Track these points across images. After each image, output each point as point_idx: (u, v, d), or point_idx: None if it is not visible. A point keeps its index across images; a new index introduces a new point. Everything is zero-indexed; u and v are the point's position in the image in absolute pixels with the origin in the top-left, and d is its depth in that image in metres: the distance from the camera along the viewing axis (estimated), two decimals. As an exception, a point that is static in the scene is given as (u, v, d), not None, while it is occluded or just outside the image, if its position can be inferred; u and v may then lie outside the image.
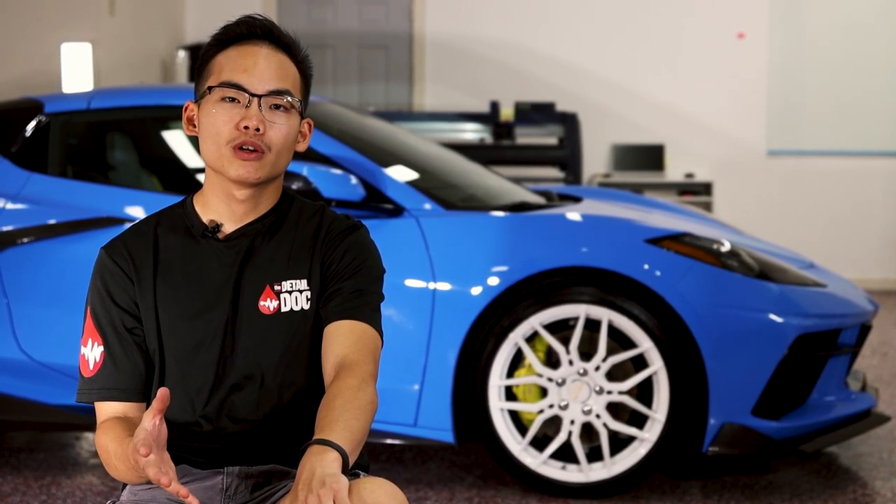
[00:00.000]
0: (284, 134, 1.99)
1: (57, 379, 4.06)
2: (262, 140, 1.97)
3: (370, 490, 1.76)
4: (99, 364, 2.01)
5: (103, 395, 2.01)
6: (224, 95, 1.98)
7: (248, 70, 1.98)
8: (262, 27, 2.02)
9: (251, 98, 1.97)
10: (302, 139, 2.07)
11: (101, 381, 2.01)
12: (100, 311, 2.03)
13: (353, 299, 1.99)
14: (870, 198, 9.06)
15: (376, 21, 9.24)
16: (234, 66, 1.99)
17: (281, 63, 2.01)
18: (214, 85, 1.98)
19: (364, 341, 1.96)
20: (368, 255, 2.06)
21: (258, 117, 1.96)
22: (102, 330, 2.02)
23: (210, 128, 1.99)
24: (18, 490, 4.03)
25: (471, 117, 8.34)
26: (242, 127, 1.96)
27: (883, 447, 4.53)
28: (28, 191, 4.20)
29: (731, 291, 3.90)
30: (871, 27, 9.01)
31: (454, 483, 4.12)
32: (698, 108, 9.06)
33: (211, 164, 2.01)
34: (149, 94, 4.80)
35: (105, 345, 2.01)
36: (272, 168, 1.99)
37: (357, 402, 1.85)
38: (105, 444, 1.95)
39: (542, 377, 3.91)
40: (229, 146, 1.97)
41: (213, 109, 1.98)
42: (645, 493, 3.99)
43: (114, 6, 7.63)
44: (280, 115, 1.99)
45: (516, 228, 4.02)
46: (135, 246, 2.04)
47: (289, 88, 2.00)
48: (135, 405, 2.02)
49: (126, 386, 2.01)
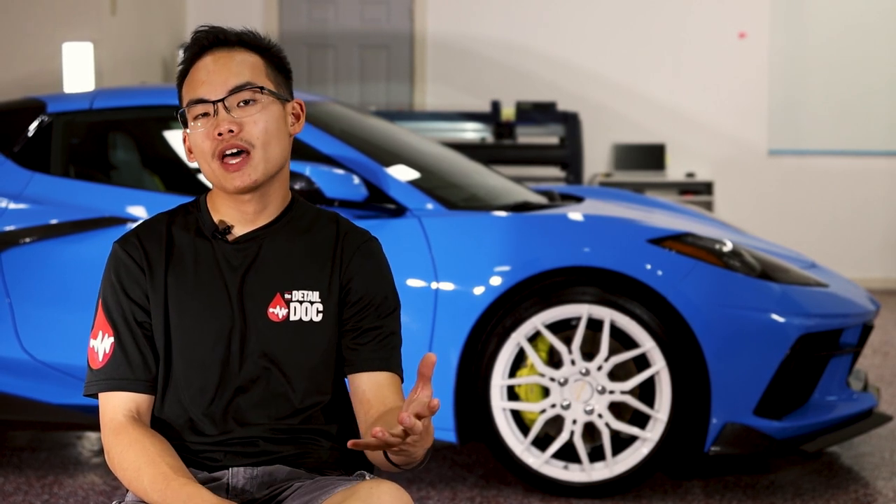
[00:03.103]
0: (263, 126, 1.99)
1: (59, 378, 4.06)
2: (242, 139, 1.97)
3: (376, 493, 1.76)
4: (109, 355, 2.00)
5: (112, 385, 1.99)
6: (195, 115, 2.00)
7: (205, 81, 1.99)
8: (208, 36, 2.02)
9: (215, 105, 1.98)
10: (295, 120, 2.07)
11: (109, 372, 2.00)
12: (111, 303, 2.03)
13: (385, 347, 2.08)
14: (871, 197, 9.06)
15: (377, 21, 9.24)
16: (194, 83, 2.01)
17: (237, 60, 2.01)
18: (183, 108, 2.01)
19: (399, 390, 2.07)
20: (388, 282, 2.11)
21: (227, 120, 1.97)
22: (113, 321, 2.02)
23: (196, 148, 2.01)
24: (21, 489, 4.03)
25: (472, 117, 8.34)
26: (217, 135, 1.97)
27: (884, 447, 4.53)
28: (30, 190, 4.20)
29: (734, 291, 3.90)
30: (872, 27, 9.01)
31: (456, 483, 4.12)
32: (699, 108, 9.06)
33: (211, 182, 2.03)
34: (151, 93, 4.80)
35: (116, 336, 2.01)
36: (265, 163, 1.99)
37: None
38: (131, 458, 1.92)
39: (544, 377, 3.91)
40: (216, 160, 1.98)
41: (193, 132, 2.00)
42: (647, 493, 3.99)
43: (115, 6, 7.63)
44: (251, 109, 1.99)
45: (518, 228, 4.02)
46: (148, 241, 2.05)
47: (248, 80, 1.99)
48: (143, 397, 2.01)
49: (136, 376, 2.00)
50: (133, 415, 1.99)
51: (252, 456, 2.01)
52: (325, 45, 9.27)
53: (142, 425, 1.97)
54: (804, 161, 9.10)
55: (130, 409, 1.99)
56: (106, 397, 2.01)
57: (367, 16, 9.24)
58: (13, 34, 6.52)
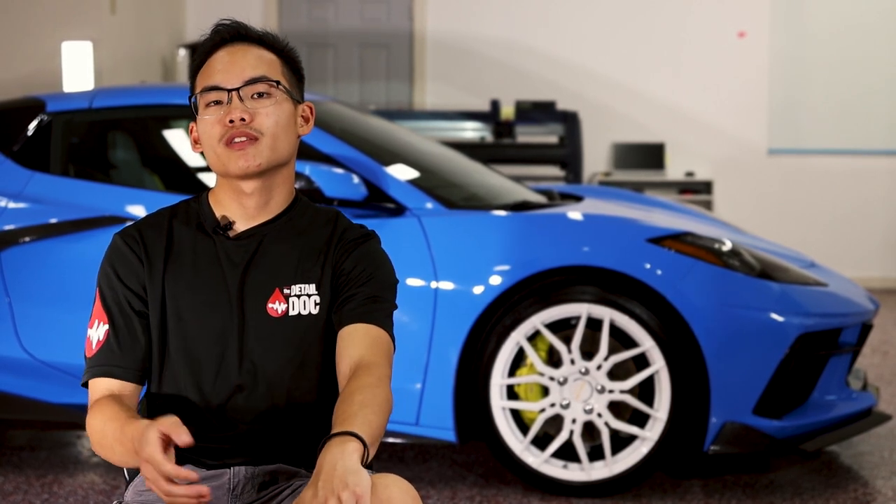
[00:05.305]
0: (275, 118, 2.00)
1: (58, 377, 4.06)
2: (252, 128, 1.98)
3: (384, 486, 1.77)
4: (101, 342, 2.01)
5: (101, 372, 2.00)
6: (207, 101, 2.01)
7: (223, 70, 2.01)
8: (229, 30, 2.04)
9: (230, 93, 1.99)
10: (304, 122, 2.09)
11: (100, 359, 2.01)
12: (107, 291, 2.03)
13: (367, 304, 2.01)
14: (871, 196, 9.06)
15: (377, 20, 9.24)
16: (210, 72, 2.02)
17: (255, 54, 2.03)
18: (196, 93, 2.02)
19: (379, 344, 1.98)
20: (382, 263, 2.07)
21: (240, 108, 1.98)
22: (109, 309, 2.02)
23: (204, 134, 2.01)
24: (20, 489, 4.04)
25: (471, 116, 8.34)
26: (228, 122, 1.98)
27: (884, 446, 4.53)
28: (30, 190, 4.20)
29: (733, 290, 3.90)
30: (872, 26, 9.01)
31: (456, 482, 4.12)
32: (699, 107, 9.06)
33: (215, 169, 2.03)
34: (150, 93, 4.80)
35: (110, 323, 2.01)
36: (271, 152, 2.00)
37: (376, 400, 1.85)
38: (99, 426, 1.92)
39: (543, 376, 3.92)
40: (222, 143, 1.99)
41: (203, 118, 2.01)
42: (646, 492, 3.99)
43: (115, 5, 7.63)
44: (265, 101, 2.00)
45: (518, 227, 4.02)
46: (149, 234, 2.06)
47: (265, 74, 2.01)
48: (130, 386, 2.00)
49: (125, 364, 2.00)
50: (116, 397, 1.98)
51: (252, 454, 2.02)
52: (324, 45, 9.27)
53: (119, 399, 1.96)
54: (804, 160, 9.10)
55: (113, 393, 1.99)
56: (94, 383, 2.01)
57: (366, 15, 9.24)
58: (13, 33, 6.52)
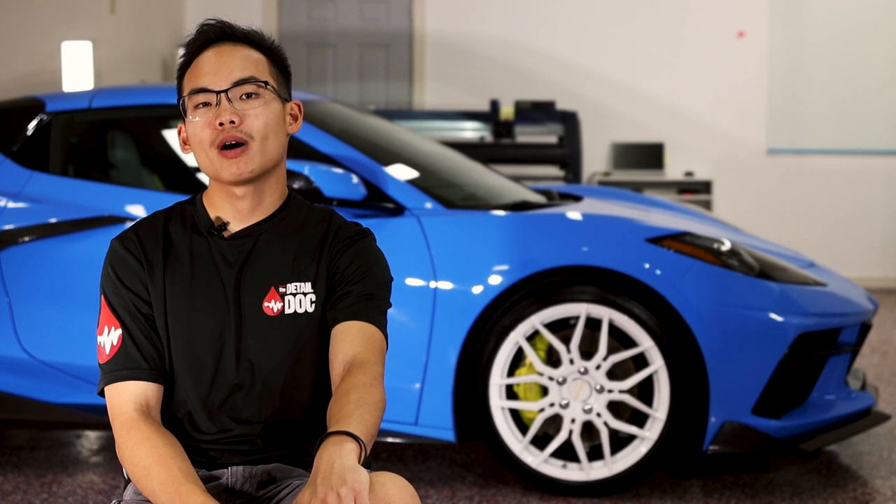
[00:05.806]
0: (263, 120, 2.01)
1: (58, 377, 4.06)
2: (242, 131, 1.99)
3: (382, 484, 1.77)
4: (116, 346, 2.00)
5: (122, 376, 1.98)
6: (196, 103, 2.01)
7: (210, 72, 2.01)
8: (214, 30, 2.04)
9: (218, 95, 1.99)
10: (293, 121, 2.10)
11: (118, 363, 1.99)
12: (113, 297, 2.03)
13: (361, 302, 2.01)
14: (870, 196, 9.06)
15: (377, 20, 9.24)
16: (198, 73, 2.02)
17: (242, 54, 2.03)
18: (184, 96, 2.02)
19: (373, 342, 1.98)
20: (376, 261, 2.08)
21: (229, 110, 1.98)
22: (118, 314, 2.02)
23: (194, 138, 2.02)
24: (20, 488, 4.04)
25: (471, 116, 8.34)
26: (217, 125, 1.98)
27: (883, 446, 4.54)
28: (29, 189, 4.21)
29: (732, 290, 3.91)
30: (872, 25, 9.01)
31: (455, 481, 4.13)
32: (698, 107, 9.06)
33: (206, 172, 2.04)
34: (150, 92, 4.80)
35: (123, 327, 2.01)
36: (262, 156, 2.01)
37: (371, 399, 1.86)
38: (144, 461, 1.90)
39: (542, 376, 3.92)
40: (213, 148, 1.99)
41: (192, 120, 2.01)
42: (645, 492, 4.00)
43: (114, 5, 7.63)
44: (253, 102, 2.01)
45: (517, 227, 4.02)
46: (146, 237, 2.06)
47: (253, 75, 2.02)
48: (153, 386, 1.99)
49: (144, 366, 1.99)
50: (143, 408, 1.97)
51: (250, 454, 2.02)
52: (324, 44, 9.27)
53: (153, 422, 1.96)
54: (803, 160, 9.10)
55: (140, 402, 1.98)
56: (115, 389, 1.99)
57: (366, 15, 9.24)
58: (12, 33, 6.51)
